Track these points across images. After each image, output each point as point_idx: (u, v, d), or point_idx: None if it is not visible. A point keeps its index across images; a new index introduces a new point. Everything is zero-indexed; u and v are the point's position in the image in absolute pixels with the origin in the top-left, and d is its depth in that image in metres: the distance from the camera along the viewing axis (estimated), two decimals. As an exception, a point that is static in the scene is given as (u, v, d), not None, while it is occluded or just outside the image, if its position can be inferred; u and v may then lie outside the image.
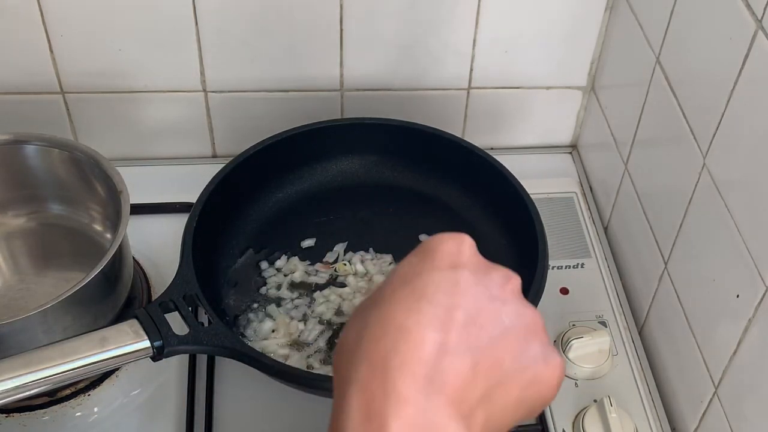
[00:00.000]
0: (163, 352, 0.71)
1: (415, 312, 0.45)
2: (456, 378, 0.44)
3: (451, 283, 0.47)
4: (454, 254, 0.49)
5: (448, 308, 0.46)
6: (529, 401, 0.48)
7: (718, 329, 0.73)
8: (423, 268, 0.48)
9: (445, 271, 0.48)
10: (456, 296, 0.46)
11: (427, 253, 0.49)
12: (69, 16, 0.90)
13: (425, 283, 0.47)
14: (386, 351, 0.44)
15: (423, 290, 0.47)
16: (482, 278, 0.49)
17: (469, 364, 0.45)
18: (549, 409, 0.81)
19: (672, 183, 0.82)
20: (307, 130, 0.92)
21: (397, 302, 0.46)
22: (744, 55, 0.66)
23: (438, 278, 0.47)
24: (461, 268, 0.48)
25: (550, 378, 0.49)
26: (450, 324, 0.45)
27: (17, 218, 0.90)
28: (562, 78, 1.03)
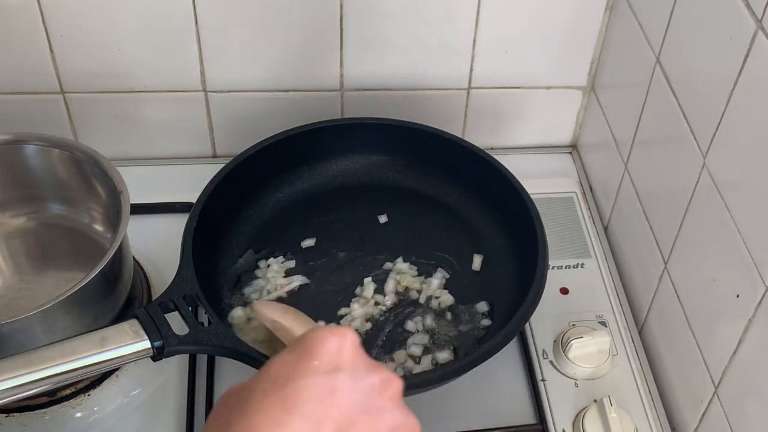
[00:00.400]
0: (163, 352, 0.71)
1: (281, 426, 0.44)
2: None
3: (325, 391, 0.45)
4: (335, 354, 0.47)
5: (318, 422, 0.44)
6: None
7: (718, 329, 0.73)
8: (298, 371, 0.46)
9: (322, 375, 0.46)
10: (329, 407, 0.45)
11: (305, 353, 0.47)
12: (69, 16, 0.90)
13: (298, 389, 0.45)
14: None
15: (294, 399, 0.45)
16: (360, 383, 0.47)
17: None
18: (549, 408, 0.82)
19: (672, 183, 0.82)
20: (307, 130, 0.92)
21: (265, 411, 0.45)
22: (744, 55, 0.66)
23: (312, 384, 0.46)
24: (340, 371, 0.47)
25: None
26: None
27: (17, 218, 0.90)
28: (562, 78, 1.03)
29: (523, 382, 0.84)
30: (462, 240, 0.91)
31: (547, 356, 0.85)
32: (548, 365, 0.85)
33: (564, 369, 0.84)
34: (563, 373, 0.84)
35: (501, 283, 0.87)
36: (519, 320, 0.77)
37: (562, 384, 0.84)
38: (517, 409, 0.82)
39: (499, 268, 0.88)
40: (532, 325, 0.88)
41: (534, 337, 0.87)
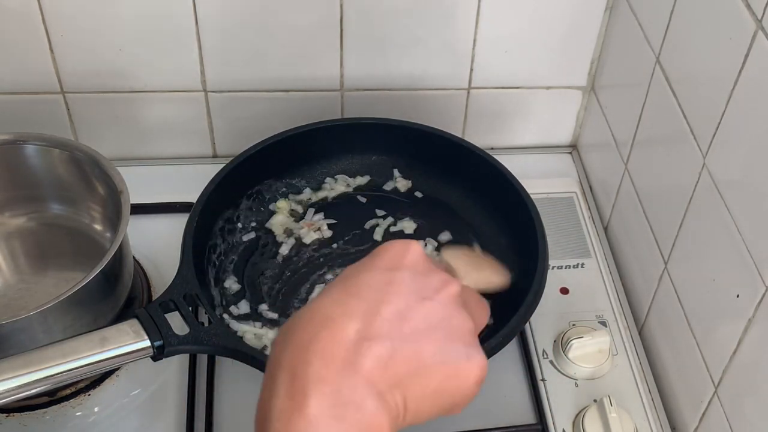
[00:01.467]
0: (163, 351, 0.71)
1: (342, 304, 0.50)
2: (373, 361, 0.47)
3: (384, 282, 0.51)
4: (398, 257, 0.53)
5: (375, 302, 0.49)
6: (449, 394, 0.51)
7: (718, 329, 0.73)
8: (362, 269, 0.52)
9: (382, 271, 0.52)
10: (386, 294, 0.50)
11: (370, 257, 0.53)
12: (69, 16, 0.90)
13: (359, 281, 0.51)
14: (310, 337, 0.48)
15: (355, 287, 0.51)
16: (419, 280, 0.52)
17: (388, 350, 0.48)
18: (549, 408, 0.82)
19: (672, 183, 0.82)
20: (307, 130, 0.92)
21: (328, 296, 0.51)
22: (744, 55, 0.66)
23: (372, 277, 0.51)
24: (399, 269, 0.52)
25: (468, 375, 0.51)
26: (373, 316, 0.49)
27: (17, 218, 0.90)
28: (562, 78, 1.03)
29: (523, 382, 0.84)
30: (462, 240, 0.91)
31: (547, 356, 0.86)
32: (548, 365, 0.85)
33: (564, 369, 0.84)
34: (563, 373, 0.84)
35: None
36: (519, 320, 0.77)
37: (562, 384, 0.84)
38: (517, 409, 0.82)
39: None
40: (532, 325, 0.88)
41: (534, 337, 0.87)
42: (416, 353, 0.49)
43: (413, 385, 0.49)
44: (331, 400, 0.46)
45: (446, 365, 0.50)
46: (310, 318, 0.49)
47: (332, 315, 0.49)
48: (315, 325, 0.49)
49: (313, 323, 0.49)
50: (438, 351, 0.50)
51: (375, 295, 0.50)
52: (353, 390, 0.47)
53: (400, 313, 0.50)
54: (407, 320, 0.50)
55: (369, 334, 0.48)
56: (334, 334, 0.48)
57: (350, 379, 0.47)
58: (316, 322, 0.49)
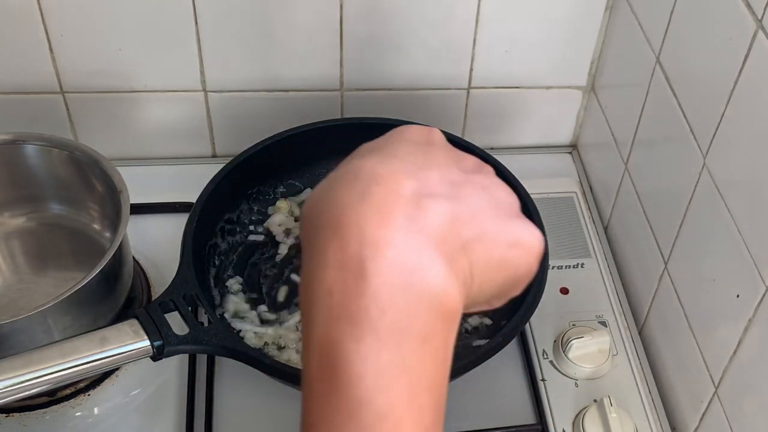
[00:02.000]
0: (163, 352, 0.71)
1: (387, 164, 0.42)
2: (436, 219, 0.40)
3: (420, 152, 0.45)
4: (424, 134, 0.47)
5: (421, 166, 0.43)
6: (513, 266, 0.45)
7: (718, 329, 0.73)
8: (390, 140, 0.46)
9: (413, 143, 0.46)
10: (427, 161, 0.44)
11: (394, 132, 0.47)
12: (69, 16, 0.90)
13: (396, 148, 0.45)
14: (360, 194, 0.40)
15: (391, 151, 0.44)
16: (453, 156, 0.46)
17: (449, 210, 0.41)
18: (549, 408, 0.82)
19: (672, 183, 0.82)
20: (307, 130, 0.92)
21: (368, 158, 0.43)
22: (744, 55, 0.66)
23: (406, 146, 0.45)
24: (432, 144, 0.46)
25: (531, 245, 0.46)
26: (425, 177, 0.42)
27: (17, 218, 0.90)
28: (562, 78, 1.03)
29: (523, 382, 0.84)
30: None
31: (547, 356, 0.85)
32: (548, 365, 0.85)
33: (564, 369, 0.84)
34: (563, 373, 0.84)
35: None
36: (519, 320, 0.77)
37: (562, 384, 0.84)
38: (517, 409, 0.82)
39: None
40: (532, 325, 0.88)
41: (534, 337, 0.87)
42: (476, 219, 0.43)
43: (478, 251, 0.42)
44: (395, 266, 0.38)
45: (508, 233, 0.44)
46: (354, 176, 0.41)
47: (381, 172, 0.41)
48: (362, 181, 0.41)
49: (360, 180, 0.41)
50: (497, 218, 0.44)
51: (416, 160, 0.43)
52: (419, 252, 0.39)
53: (449, 179, 0.43)
54: (457, 186, 0.43)
55: (426, 191, 0.41)
56: (389, 189, 0.40)
57: (414, 238, 0.39)
58: (363, 179, 0.41)
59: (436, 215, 0.40)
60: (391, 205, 0.40)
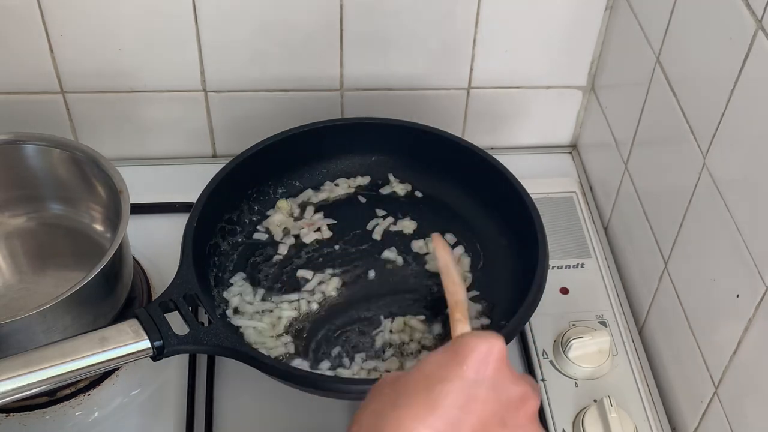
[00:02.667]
0: (163, 351, 0.71)
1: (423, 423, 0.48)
2: None
3: (467, 398, 0.49)
4: (482, 362, 0.51)
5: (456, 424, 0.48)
6: None
7: (718, 329, 0.73)
8: (447, 374, 0.50)
9: (467, 381, 0.50)
10: (468, 414, 0.49)
11: (455, 356, 0.51)
12: (69, 16, 0.90)
13: (444, 392, 0.49)
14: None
15: (438, 400, 0.49)
16: (501, 395, 0.51)
17: None
18: (549, 408, 0.82)
19: (672, 183, 0.82)
20: (307, 130, 0.92)
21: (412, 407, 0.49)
22: (744, 55, 0.66)
23: (457, 389, 0.50)
24: (483, 380, 0.50)
25: None
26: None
27: (17, 218, 0.90)
28: (562, 78, 1.03)
29: (523, 382, 0.84)
30: (462, 240, 0.91)
31: (547, 356, 0.85)
32: (548, 365, 0.85)
33: (564, 369, 0.84)
34: (563, 373, 0.84)
35: (501, 283, 0.87)
36: (519, 320, 0.77)
37: (562, 384, 0.84)
38: (517, 409, 0.82)
39: (499, 268, 0.88)
40: (532, 325, 0.88)
41: (534, 337, 0.87)
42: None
43: None
44: None
45: None
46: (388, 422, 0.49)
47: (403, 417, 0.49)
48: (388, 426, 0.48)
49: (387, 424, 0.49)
50: None
51: (457, 414, 0.49)
52: None
53: None
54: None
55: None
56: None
57: None
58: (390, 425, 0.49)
59: None
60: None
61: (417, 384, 0.51)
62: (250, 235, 0.91)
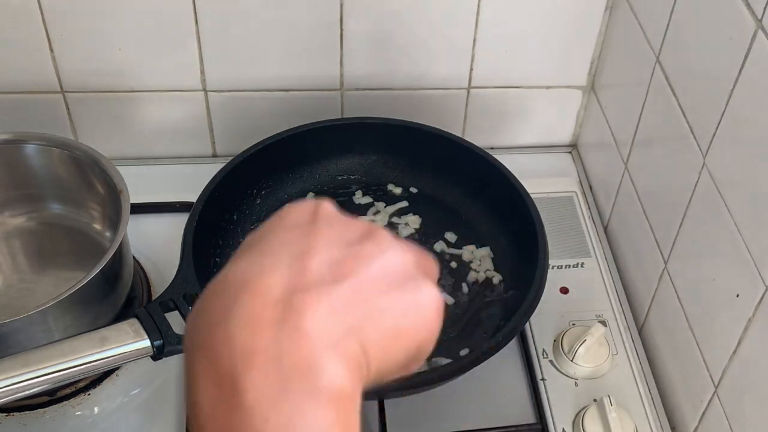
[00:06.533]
0: (163, 351, 0.71)
1: (258, 264, 0.41)
2: (311, 314, 0.39)
3: (299, 236, 0.43)
4: (307, 213, 0.45)
5: (297, 256, 0.42)
6: (411, 334, 0.44)
7: (718, 329, 0.73)
8: (269, 229, 0.45)
9: (294, 228, 0.44)
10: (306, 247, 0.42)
11: (276, 217, 0.46)
12: (69, 16, 0.90)
13: (271, 241, 0.43)
14: (227, 306, 0.39)
15: (267, 247, 0.43)
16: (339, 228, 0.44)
17: (325, 300, 0.40)
18: (549, 408, 0.82)
19: (672, 183, 0.82)
20: (307, 130, 0.92)
21: (239, 261, 0.43)
22: (744, 55, 0.66)
23: (284, 235, 0.44)
24: (315, 222, 0.44)
25: (425, 304, 0.44)
26: (298, 269, 0.41)
27: (17, 217, 0.90)
28: (562, 78, 1.03)
29: (523, 382, 0.84)
30: (462, 240, 0.91)
31: (547, 356, 0.86)
32: (548, 365, 0.85)
33: (564, 368, 0.84)
34: (563, 372, 0.84)
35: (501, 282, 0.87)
36: (519, 320, 0.77)
37: (562, 383, 0.84)
38: (517, 409, 0.82)
39: (499, 268, 0.88)
40: (532, 325, 0.88)
41: (534, 336, 0.87)
42: (359, 294, 0.41)
43: (368, 329, 0.41)
44: (270, 374, 0.37)
45: (397, 302, 0.43)
46: (223, 287, 0.41)
47: (249, 277, 0.41)
48: (230, 292, 0.40)
49: (228, 291, 0.40)
50: (384, 288, 0.43)
51: (293, 249, 0.42)
52: (295, 351, 0.38)
53: (329, 260, 0.42)
54: (338, 265, 0.42)
55: (299, 287, 0.40)
56: (256, 295, 0.39)
57: (288, 340, 0.38)
58: (231, 289, 0.40)
59: (311, 310, 0.39)
60: (259, 313, 0.39)
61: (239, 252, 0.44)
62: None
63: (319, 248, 0.42)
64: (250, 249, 0.44)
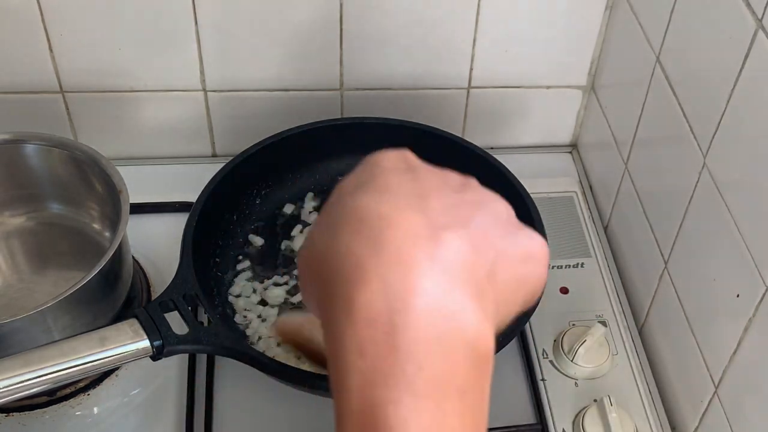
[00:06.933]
0: (162, 351, 0.71)
1: (388, 202, 0.39)
2: (458, 254, 0.38)
3: (408, 179, 0.42)
4: (402, 160, 0.45)
5: (418, 196, 0.40)
6: (529, 280, 0.44)
7: (718, 329, 0.73)
8: (374, 172, 0.43)
9: (396, 171, 0.43)
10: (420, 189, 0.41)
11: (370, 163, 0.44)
12: (69, 16, 0.90)
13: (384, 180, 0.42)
14: (374, 241, 0.37)
15: (385, 186, 0.41)
16: (438, 174, 0.44)
17: (466, 240, 0.39)
18: (549, 408, 0.82)
19: (672, 183, 0.82)
20: (307, 130, 0.92)
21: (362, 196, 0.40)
22: (744, 55, 0.66)
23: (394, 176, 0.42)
24: (415, 168, 0.44)
25: (540, 253, 0.44)
26: (428, 208, 0.40)
27: (17, 217, 0.90)
28: (562, 77, 1.03)
29: (523, 382, 0.84)
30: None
31: (547, 356, 0.85)
32: (548, 365, 0.85)
33: (564, 369, 0.84)
34: (563, 372, 0.84)
35: (501, 282, 0.87)
36: (519, 320, 0.77)
37: (562, 384, 0.84)
38: (517, 409, 0.82)
39: (499, 268, 0.88)
40: (532, 325, 0.88)
41: (534, 336, 0.87)
42: (488, 241, 0.40)
43: (499, 275, 0.40)
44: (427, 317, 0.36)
45: (518, 248, 0.42)
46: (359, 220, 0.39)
47: (386, 211, 0.39)
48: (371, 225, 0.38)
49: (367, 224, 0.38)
50: (504, 235, 0.42)
51: (411, 190, 0.41)
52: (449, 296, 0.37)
53: (448, 203, 0.41)
54: (459, 209, 0.41)
55: (438, 225, 0.38)
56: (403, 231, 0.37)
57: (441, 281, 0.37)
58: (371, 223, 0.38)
59: (457, 250, 0.38)
60: (411, 249, 0.37)
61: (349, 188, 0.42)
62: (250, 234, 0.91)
63: (432, 192, 0.41)
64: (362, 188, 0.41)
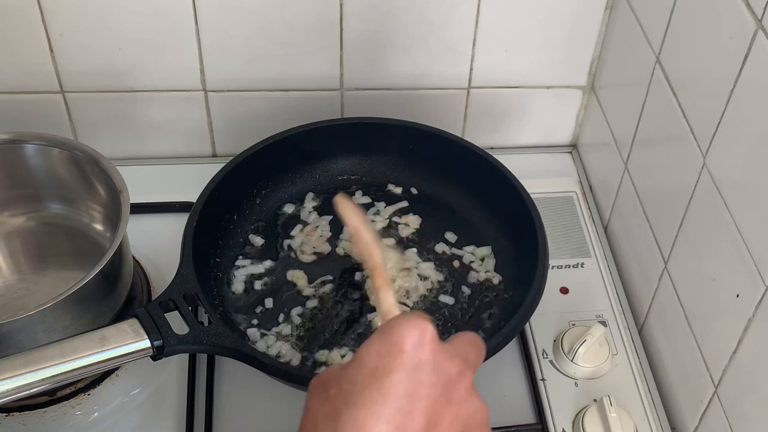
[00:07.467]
0: (163, 351, 0.71)
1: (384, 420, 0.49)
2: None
3: (414, 386, 0.50)
4: (418, 347, 0.51)
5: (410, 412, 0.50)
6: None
7: (718, 329, 0.73)
8: (391, 365, 0.51)
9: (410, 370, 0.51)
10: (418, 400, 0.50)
11: (394, 345, 0.52)
12: (69, 15, 0.90)
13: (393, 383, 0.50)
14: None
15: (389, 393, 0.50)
16: (441, 376, 0.52)
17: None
18: (549, 408, 0.82)
19: (672, 183, 0.82)
20: (307, 130, 0.92)
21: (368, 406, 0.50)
22: (744, 55, 0.66)
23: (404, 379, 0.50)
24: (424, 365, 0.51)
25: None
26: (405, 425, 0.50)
27: (17, 217, 0.90)
28: (562, 77, 1.03)
29: (523, 382, 0.84)
30: (462, 240, 0.91)
31: (547, 356, 0.86)
32: (548, 365, 0.85)
33: (564, 369, 0.84)
34: (563, 372, 0.84)
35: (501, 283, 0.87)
36: (519, 320, 0.77)
37: (562, 384, 0.84)
38: (517, 409, 0.82)
39: (499, 268, 0.88)
40: (532, 325, 0.88)
41: (534, 336, 0.87)
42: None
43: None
44: None
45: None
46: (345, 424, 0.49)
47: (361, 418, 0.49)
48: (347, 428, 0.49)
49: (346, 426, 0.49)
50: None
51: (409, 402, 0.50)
52: None
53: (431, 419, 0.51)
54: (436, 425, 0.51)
55: None
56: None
57: None
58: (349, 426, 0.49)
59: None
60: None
61: (365, 380, 0.51)
62: (250, 234, 0.91)
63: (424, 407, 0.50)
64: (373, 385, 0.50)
